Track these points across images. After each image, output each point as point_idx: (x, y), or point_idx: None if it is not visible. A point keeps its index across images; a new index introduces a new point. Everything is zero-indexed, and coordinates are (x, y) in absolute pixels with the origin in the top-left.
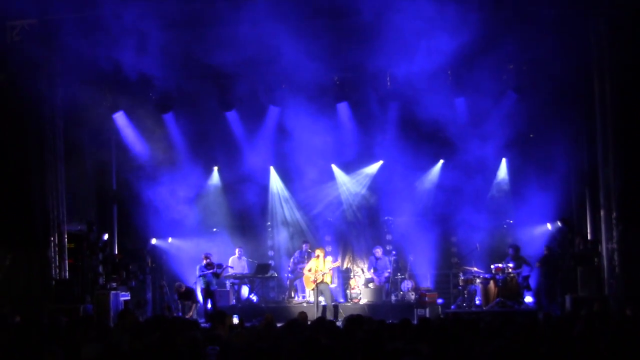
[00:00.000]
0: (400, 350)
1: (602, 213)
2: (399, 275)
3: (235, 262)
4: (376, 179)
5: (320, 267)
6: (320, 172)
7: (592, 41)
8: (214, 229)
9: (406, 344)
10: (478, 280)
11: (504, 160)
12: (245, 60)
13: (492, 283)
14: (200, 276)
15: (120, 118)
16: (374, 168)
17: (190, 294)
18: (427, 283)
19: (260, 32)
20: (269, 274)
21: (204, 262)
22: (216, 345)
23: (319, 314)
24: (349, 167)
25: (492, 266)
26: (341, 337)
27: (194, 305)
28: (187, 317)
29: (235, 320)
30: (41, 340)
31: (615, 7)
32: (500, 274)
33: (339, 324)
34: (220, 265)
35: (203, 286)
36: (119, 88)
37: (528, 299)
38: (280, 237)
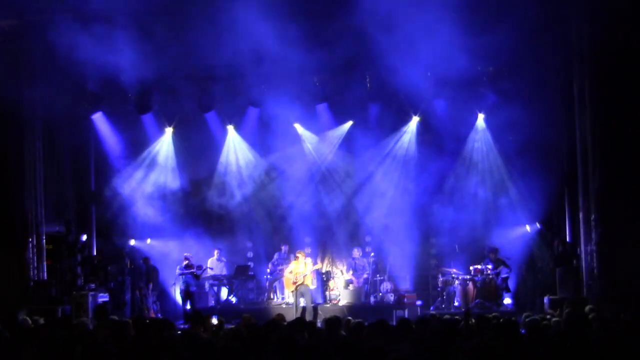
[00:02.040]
0: (380, 349)
1: (580, 215)
2: (378, 277)
3: (214, 264)
4: (355, 180)
5: (301, 269)
6: (299, 173)
7: (573, 42)
8: (193, 231)
9: (386, 344)
10: (457, 282)
11: (481, 161)
12: (224, 61)
13: (471, 284)
14: (179, 276)
15: (99, 119)
16: (353, 168)
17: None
18: (406, 284)
19: (240, 32)
20: (248, 276)
21: (184, 263)
22: (195, 346)
23: (298, 315)
24: (330, 169)
25: (471, 268)
26: (320, 337)
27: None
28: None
29: (215, 321)
30: (18, 342)
31: (596, 8)
32: (479, 276)
33: (319, 325)
34: (200, 267)
35: (182, 287)
36: (98, 89)
37: (507, 300)
38: (260, 239)
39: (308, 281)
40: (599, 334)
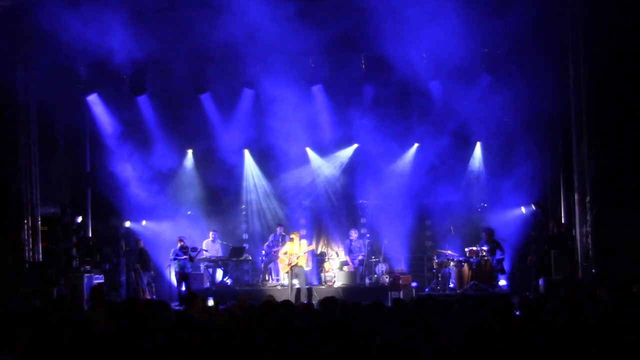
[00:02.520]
0: (374, 331)
1: (576, 197)
2: (373, 259)
3: (210, 245)
4: (351, 162)
5: (295, 250)
6: (295, 155)
7: (568, 27)
8: (189, 212)
9: (381, 325)
10: (452, 264)
11: (478, 144)
12: (219, 42)
13: (466, 266)
14: (174, 259)
15: (93, 100)
16: (349, 151)
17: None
18: (401, 266)
19: (235, 13)
20: (243, 257)
21: (178, 245)
22: (190, 327)
23: (293, 297)
24: (324, 151)
25: (466, 249)
26: (315, 318)
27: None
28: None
29: (211, 302)
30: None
31: None
32: (474, 257)
33: (314, 306)
34: (194, 249)
35: (177, 269)
36: (93, 70)
37: (502, 282)
38: (255, 220)
39: (302, 262)
40: (593, 315)
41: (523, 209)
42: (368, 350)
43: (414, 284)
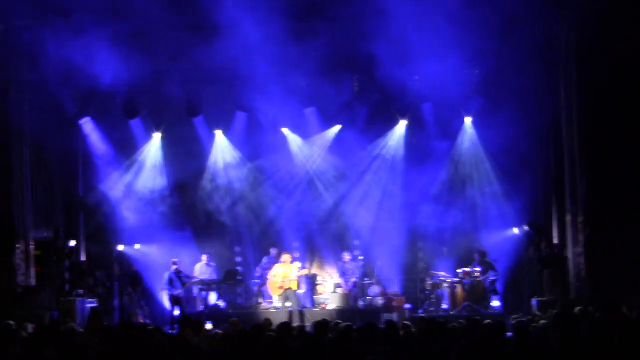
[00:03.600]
0: (366, 352)
1: (568, 217)
2: (367, 281)
3: (203, 269)
4: (344, 185)
5: (287, 273)
6: (288, 178)
7: (560, 47)
8: (181, 235)
9: (374, 347)
10: (445, 285)
11: (470, 165)
12: (212, 66)
13: (459, 287)
14: (168, 283)
15: (87, 124)
16: (344, 169)
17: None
18: (394, 288)
19: (229, 37)
20: (236, 280)
21: (173, 268)
22: (185, 350)
23: (287, 319)
24: (318, 170)
25: (459, 271)
26: (309, 340)
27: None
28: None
29: (209, 326)
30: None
31: (582, 13)
32: (468, 279)
33: (308, 329)
34: (188, 277)
35: (170, 292)
36: (86, 94)
37: (495, 303)
38: (248, 243)
39: (294, 285)
40: (587, 335)
41: (516, 230)
42: None
43: (407, 306)
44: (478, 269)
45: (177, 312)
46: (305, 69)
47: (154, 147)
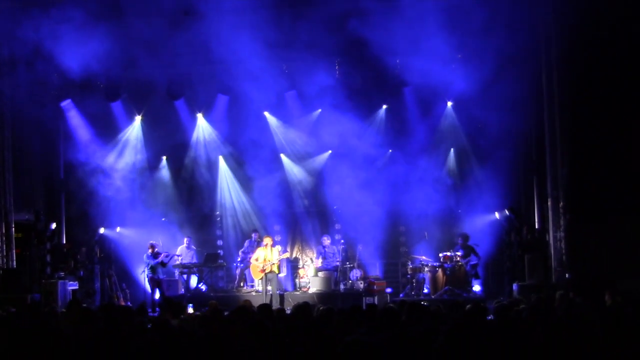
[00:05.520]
0: (347, 334)
1: (549, 202)
2: (348, 264)
3: (184, 252)
4: (325, 168)
5: (269, 256)
6: (269, 161)
7: (541, 31)
8: (163, 219)
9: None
10: (426, 269)
11: (452, 150)
12: (194, 49)
13: (440, 271)
14: (147, 265)
15: (68, 106)
16: (322, 158)
17: None
18: (375, 272)
19: (210, 20)
20: (217, 264)
21: (149, 251)
22: (164, 331)
23: (266, 302)
24: (299, 157)
25: (440, 255)
26: (288, 322)
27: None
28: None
29: (191, 310)
30: None
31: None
32: (449, 263)
33: (288, 311)
34: (167, 255)
35: (149, 275)
36: (67, 76)
37: (476, 287)
38: (229, 227)
39: (275, 268)
40: (566, 319)
41: (497, 214)
42: (339, 351)
43: (388, 290)
44: (459, 253)
45: (157, 295)
46: (286, 52)
47: (135, 130)
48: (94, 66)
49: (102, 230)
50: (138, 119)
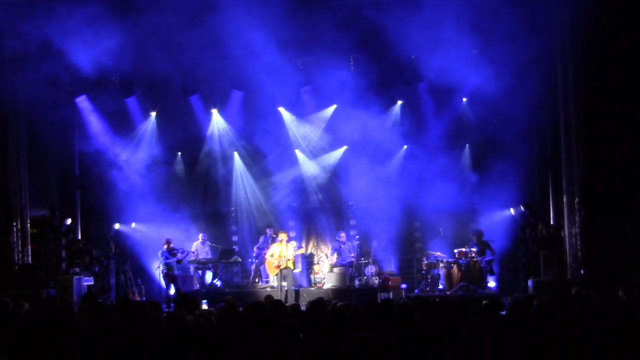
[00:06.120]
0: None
1: (564, 198)
2: (363, 260)
3: (199, 248)
4: (340, 165)
5: (284, 252)
6: (284, 157)
7: (557, 27)
8: (178, 215)
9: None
10: (441, 265)
11: (467, 145)
12: (208, 45)
13: (455, 267)
14: (164, 262)
15: (82, 102)
16: (338, 153)
17: None
18: (390, 268)
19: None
20: (232, 259)
21: (165, 247)
22: (179, 327)
23: (283, 299)
24: (313, 152)
25: (455, 251)
26: (303, 318)
27: None
28: None
29: (205, 306)
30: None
31: None
32: (464, 259)
33: (303, 307)
34: (183, 252)
35: (164, 271)
36: (82, 72)
37: (491, 283)
38: (244, 223)
39: (290, 264)
40: (582, 315)
41: (512, 211)
42: (344, 348)
43: (403, 286)
44: (474, 249)
45: (172, 291)
46: (302, 48)
47: (150, 125)
48: (108, 62)
49: (117, 226)
50: (153, 114)
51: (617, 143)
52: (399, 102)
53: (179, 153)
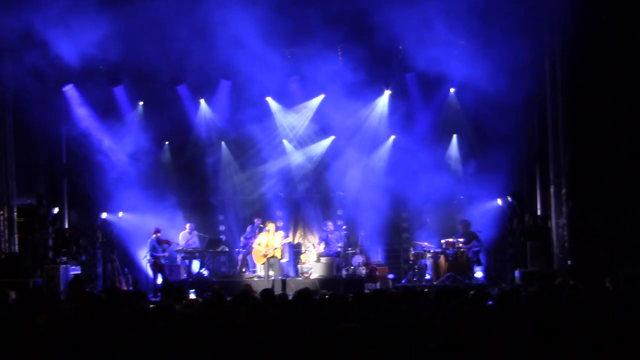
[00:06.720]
0: (349, 319)
1: (552, 189)
2: (350, 250)
3: (186, 237)
4: (328, 154)
5: (271, 241)
6: (272, 146)
7: (545, 18)
8: (165, 204)
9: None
10: (429, 255)
11: (454, 136)
12: (196, 34)
13: (442, 258)
14: (150, 252)
15: (70, 91)
16: (325, 143)
17: None
18: (378, 258)
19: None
20: (219, 249)
21: (154, 236)
22: (166, 316)
23: (269, 288)
24: (301, 142)
25: (442, 241)
26: (290, 307)
27: None
28: None
29: (192, 296)
30: None
31: None
32: (451, 249)
33: (290, 297)
34: (168, 242)
35: (152, 260)
36: (69, 61)
37: (478, 273)
38: (231, 212)
39: (278, 254)
40: (568, 305)
41: (499, 201)
42: (329, 338)
43: (390, 276)
44: (461, 240)
45: (159, 280)
46: (289, 38)
47: (137, 115)
48: (96, 51)
49: (104, 215)
50: (140, 104)
51: (605, 134)
52: (387, 92)
53: (167, 142)
